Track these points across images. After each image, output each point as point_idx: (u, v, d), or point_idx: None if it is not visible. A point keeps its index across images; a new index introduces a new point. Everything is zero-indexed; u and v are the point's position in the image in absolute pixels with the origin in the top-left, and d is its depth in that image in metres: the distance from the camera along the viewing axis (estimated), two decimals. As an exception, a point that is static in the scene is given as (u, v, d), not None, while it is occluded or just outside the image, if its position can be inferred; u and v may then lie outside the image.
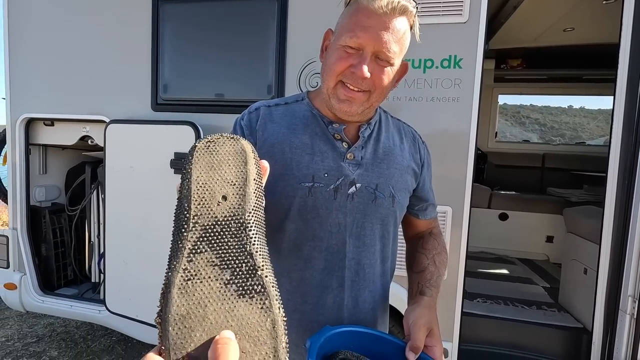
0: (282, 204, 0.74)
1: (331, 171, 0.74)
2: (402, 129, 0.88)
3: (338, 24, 0.73)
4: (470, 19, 1.59)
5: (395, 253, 0.87)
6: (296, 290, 0.75)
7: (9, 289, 2.28)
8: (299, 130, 0.76)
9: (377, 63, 0.69)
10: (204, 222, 0.35)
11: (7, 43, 2.17)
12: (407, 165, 0.82)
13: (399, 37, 0.68)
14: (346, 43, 0.68)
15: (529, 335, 1.92)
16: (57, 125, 2.25)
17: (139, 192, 1.91)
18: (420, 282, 0.80)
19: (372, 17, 0.66)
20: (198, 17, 1.93)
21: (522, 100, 23.80)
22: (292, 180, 0.73)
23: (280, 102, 0.82)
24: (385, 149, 0.79)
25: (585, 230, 2.06)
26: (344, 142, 0.76)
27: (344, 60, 0.69)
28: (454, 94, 1.64)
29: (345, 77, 0.70)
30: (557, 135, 28.63)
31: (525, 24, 2.86)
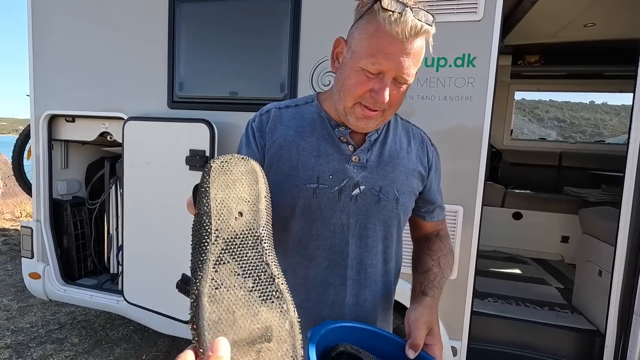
0: (287, 204, 0.76)
1: (336, 173, 0.76)
2: (410, 131, 0.88)
3: (354, 37, 0.71)
4: (485, 16, 1.57)
5: (399, 254, 0.88)
6: (300, 287, 0.78)
7: (33, 278, 2.39)
8: (307, 133, 0.78)
9: (395, 85, 0.70)
10: (224, 236, 0.38)
11: (31, 43, 2.26)
12: (413, 168, 0.83)
13: (418, 58, 0.69)
14: (367, 68, 0.68)
15: (540, 336, 1.91)
16: (78, 121, 2.33)
17: (156, 187, 1.96)
18: (423, 283, 0.81)
19: (394, 44, 0.65)
20: (213, 16, 1.96)
21: (541, 96, 23.24)
22: (297, 181, 0.76)
23: (290, 103, 0.84)
24: (391, 152, 0.80)
25: (601, 232, 2.02)
26: (349, 144, 0.78)
27: (364, 85, 0.69)
28: (468, 92, 1.62)
29: (364, 100, 0.70)
30: (577, 132, 27.85)
31: (544, 20, 2.79)
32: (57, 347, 2.45)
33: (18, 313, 2.87)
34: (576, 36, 2.97)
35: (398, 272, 0.89)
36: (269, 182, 0.78)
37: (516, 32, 2.99)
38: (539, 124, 29.12)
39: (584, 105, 30.85)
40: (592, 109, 27.43)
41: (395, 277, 0.88)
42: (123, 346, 2.50)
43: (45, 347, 2.44)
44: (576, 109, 33.39)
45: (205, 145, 1.81)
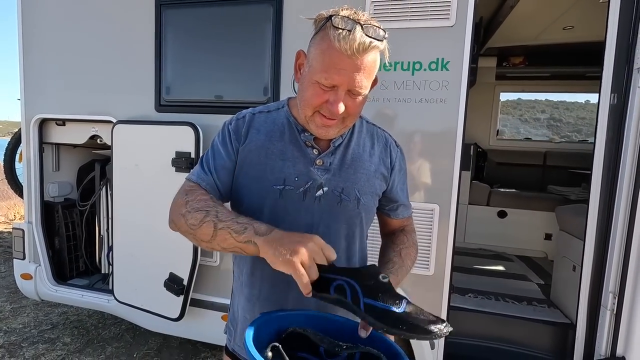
0: (257, 204, 0.82)
1: (301, 175, 0.81)
2: (375, 134, 0.93)
3: (311, 52, 0.75)
4: (457, 22, 1.64)
5: (363, 251, 0.94)
6: (267, 282, 0.85)
7: (25, 279, 2.43)
8: (276, 138, 0.84)
9: (350, 96, 0.74)
10: None
11: (21, 48, 2.31)
12: (375, 170, 0.88)
13: (370, 71, 0.72)
14: (321, 82, 0.72)
15: (517, 329, 1.97)
16: (69, 125, 2.37)
17: (144, 189, 2.02)
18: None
19: (345, 60, 0.69)
20: (198, 21, 2.02)
21: (536, 96, 23.48)
22: (265, 183, 0.81)
23: (264, 109, 0.90)
24: (353, 155, 0.86)
25: (575, 228, 2.10)
26: (314, 149, 0.83)
27: (320, 96, 0.74)
28: (442, 95, 1.69)
29: (322, 109, 0.75)
30: (572, 131, 27.97)
31: (525, 23, 2.87)
32: (49, 346, 2.50)
33: (11, 314, 2.91)
34: (556, 38, 3.06)
35: (363, 264, 0.95)
36: (241, 185, 0.84)
37: (500, 35, 3.07)
38: (535, 123, 29.16)
39: (579, 104, 31.00)
40: (587, 107, 27.60)
41: None
42: (115, 345, 2.55)
43: (37, 346, 2.49)
44: (571, 108, 33.56)
45: (191, 147, 1.87)
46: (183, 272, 1.95)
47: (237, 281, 0.94)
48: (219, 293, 2.04)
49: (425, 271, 1.75)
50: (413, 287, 1.78)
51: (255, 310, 0.86)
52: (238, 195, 0.85)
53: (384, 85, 1.73)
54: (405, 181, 1.00)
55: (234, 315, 0.96)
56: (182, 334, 2.19)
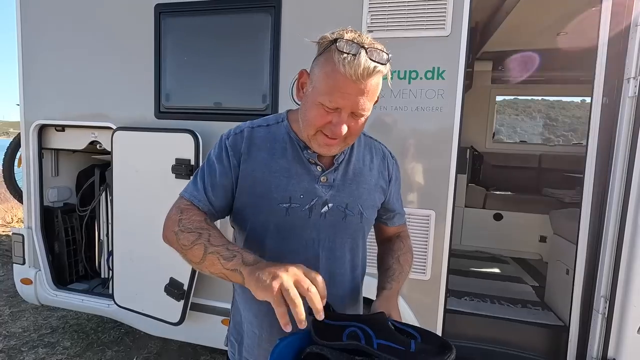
0: (262, 222, 0.83)
1: (306, 193, 0.83)
2: (373, 147, 0.95)
3: (314, 72, 0.76)
4: (453, 32, 1.67)
5: (364, 260, 0.97)
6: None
7: (25, 284, 2.44)
8: (278, 154, 0.84)
9: (353, 117, 0.75)
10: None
11: (21, 54, 2.32)
12: (375, 183, 0.91)
13: (374, 94, 0.74)
14: (325, 104, 0.73)
15: (511, 332, 2.01)
16: (68, 131, 2.39)
17: (144, 194, 2.04)
18: (384, 280, 0.92)
19: (349, 85, 0.70)
20: (197, 30, 2.04)
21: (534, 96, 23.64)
22: (271, 201, 0.81)
23: (262, 123, 0.89)
24: (355, 170, 0.88)
25: (568, 232, 2.14)
26: (318, 165, 0.84)
27: (323, 117, 0.75)
28: (438, 103, 1.72)
29: (325, 129, 0.76)
30: (568, 131, 28.12)
31: (519, 29, 2.91)
32: (49, 350, 2.51)
33: (10, 318, 2.92)
34: (551, 43, 3.10)
35: (363, 276, 0.99)
36: (246, 204, 0.85)
37: (495, 40, 3.11)
38: (531, 123, 29.31)
39: (575, 104, 31.18)
40: (583, 107, 27.72)
41: (361, 279, 0.98)
42: (114, 349, 2.57)
43: (37, 351, 2.50)
44: (567, 108, 33.74)
45: (190, 154, 1.89)
46: (183, 277, 1.97)
47: (242, 295, 0.93)
48: (219, 297, 2.06)
49: (422, 276, 1.79)
50: (410, 291, 1.81)
51: (264, 325, 0.87)
52: (243, 214, 0.85)
53: (380, 93, 1.76)
54: (400, 190, 1.03)
55: (236, 329, 0.95)
56: (182, 338, 2.21)
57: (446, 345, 0.69)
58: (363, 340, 0.70)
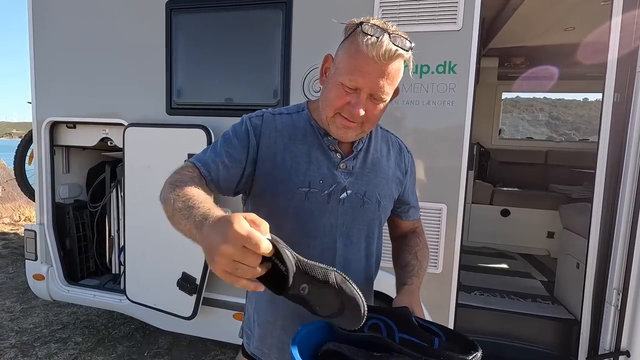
0: (281, 206, 0.84)
1: (325, 178, 0.84)
2: (389, 139, 0.97)
3: (338, 55, 0.78)
4: (464, 26, 1.68)
5: (379, 250, 0.98)
6: None
7: (37, 280, 2.47)
8: (299, 140, 0.85)
9: (371, 101, 0.76)
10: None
11: (32, 52, 2.34)
12: (393, 174, 0.92)
13: (394, 79, 0.75)
14: (345, 83, 0.74)
15: (522, 326, 2.02)
16: (79, 127, 2.41)
17: (155, 190, 2.03)
18: (404, 275, 0.92)
19: (370, 65, 0.71)
20: (208, 26, 2.05)
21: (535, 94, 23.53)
22: (290, 186, 0.82)
23: (283, 111, 0.91)
24: (373, 159, 0.89)
25: (578, 226, 2.14)
26: (337, 152, 0.86)
27: (342, 97, 0.76)
28: (449, 97, 1.73)
29: (343, 111, 0.77)
30: (571, 129, 28.03)
31: (526, 25, 2.91)
32: (61, 346, 2.53)
33: (21, 314, 2.95)
34: (558, 39, 3.10)
35: (378, 265, 0.99)
36: (265, 187, 0.85)
37: (502, 36, 3.11)
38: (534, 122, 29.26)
39: (577, 102, 31.04)
40: (586, 106, 27.61)
41: (375, 270, 0.98)
42: (125, 344, 2.58)
43: (49, 346, 2.52)
44: (570, 106, 33.59)
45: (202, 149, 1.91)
46: (196, 271, 1.99)
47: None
48: (231, 292, 2.08)
49: (434, 269, 1.79)
50: (422, 285, 1.82)
51: (279, 312, 0.88)
52: (262, 198, 0.86)
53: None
54: (415, 184, 1.04)
55: (250, 319, 0.97)
56: (194, 333, 2.23)
57: (472, 345, 0.66)
58: (385, 333, 0.69)
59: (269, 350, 0.91)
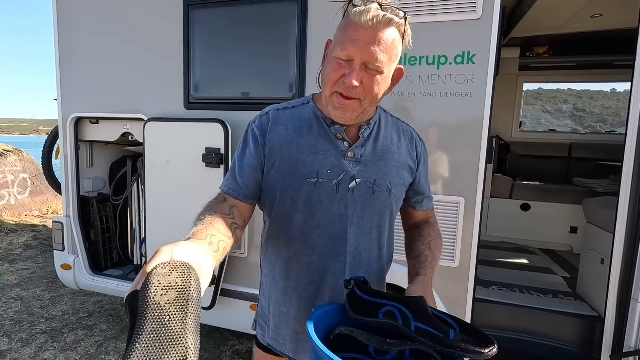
0: (290, 198, 0.84)
1: (334, 168, 0.83)
2: (400, 127, 0.95)
3: (335, 36, 0.79)
4: (484, 15, 1.63)
5: (391, 241, 0.96)
6: (304, 273, 0.87)
7: (65, 269, 2.58)
8: (305, 132, 0.85)
9: (367, 72, 0.75)
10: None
11: (58, 51, 2.42)
12: (404, 162, 0.90)
13: (387, 46, 0.73)
14: (338, 55, 0.75)
15: (542, 322, 1.97)
16: (102, 123, 2.49)
17: (175, 183, 2.10)
18: (417, 266, 0.90)
19: (360, 31, 0.72)
20: (225, 21, 2.07)
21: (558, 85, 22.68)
22: (299, 177, 0.83)
23: (288, 106, 0.91)
24: (383, 147, 0.88)
25: (604, 221, 2.07)
26: (345, 141, 0.85)
27: (337, 71, 0.75)
28: (468, 88, 1.69)
29: (339, 87, 0.76)
30: (597, 122, 26.97)
31: (551, 11, 2.80)
32: (87, 332, 2.64)
33: (50, 302, 3.09)
34: (584, 27, 2.97)
35: (390, 257, 0.98)
36: (273, 180, 0.86)
37: (523, 25, 3.01)
38: (557, 114, 28.30)
39: (604, 93, 29.76)
40: (614, 97, 26.48)
41: (388, 262, 0.97)
42: (147, 332, 2.67)
43: (77, 332, 2.64)
44: (596, 98, 32.24)
45: (220, 143, 1.94)
46: (214, 263, 2.03)
47: (269, 277, 0.95)
48: (247, 283, 2.12)
49: (451, 263, 1.77)
50: (438, 279, 1.80)
51: (292, 302, 0.89)
52: (272, 189, 0.86)
53: (409, 80, 1.75)
54: (428, 174, 1.01)
55: (264, 311, 0.98)
56: (212, 323, 2.28)
57: (487, 339, 0.65)
58: (400, 321, 0.68)
59: (284, 341, 0.93)
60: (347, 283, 0.76)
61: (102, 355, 2.39)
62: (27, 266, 3.84)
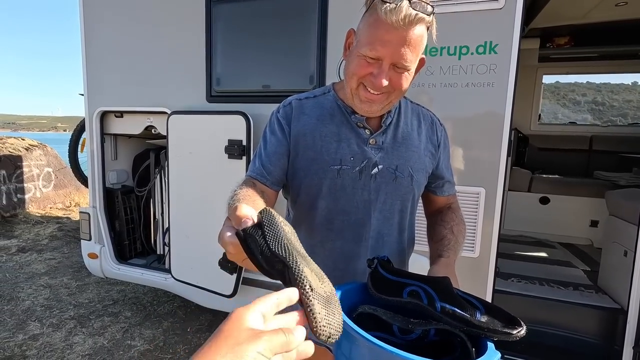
0: (314, 185, 0.87)
1: (356, 155, 0.85)
2: (420, 113, 0.96)
3: (359, 28, 0.78)
4: (507, 4, 1.62)
5: (412, 225, 0.98)
6: (328, 258, 0.89)
7: (91, 258, 2.68)
8: (327, 121, 0.87)
9: (395, 70, 0.75)
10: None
11: (84, 47, 2.50)
12: (425, 148, 0.92)
13: (416, 45, 0.73)
14: (366, 54, 0.74)
15: (563, 314, 1.97)
16: (126, 117, 2.56)
17: (198, 175, 2.16)
18: (439, 249, 0.90)
19: (390, 32, 0.71)
20: (246, 15, 2.10)
21: (576, 78, 22.01)
22: (322, 164, 0.85)
23: (309, 95, 0.93)
24: (404, 133, 0.89)
25: (627, 213, 2.04)
26: (366, 129, 0.87)
27: (365, 67, 0.76)
28: (489, 79, 1.69)
29: (366, 82, 0.77)
30: (617, 115, 26.18)
31: (573, 1, 2.75)
32: (113, 319, 2.75)
33: (77, 290, 3.22)
34: (608, 16, 2.90)
35: (411, 241, 0.99)
36: (298, 168, 0.89)
37: (544, 15, 2.95)
38: (575, 108, 27.56)
39: (625, 86, 28.79)
40: (636, 89, 25.62)
41: (409, 245, 0.98)
42: (170, 320, 2.77)
43: (103, 319, 2.75)
44: (616, 91, 31.22)
45: (242, 135, 1.98)
46: (236, 252, 2.09)
47: None
48: (268, 273, 2.17)
49: (471, 253, 1.78)
50: (458, 269, 1.81)
51: None
52: (296, 177, 0.89)
53: (429, 71, 1.75)
54: (449, 158, 1.02)
55: None
56: (234, 310, 2.35)
57: (515, 321, 0.63)
58: (425, 300, 0.67)
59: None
60: (370, 262, 0.76)
61: (127, 340, 2.48)
62: (53, 256, 3.99)
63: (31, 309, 2.87)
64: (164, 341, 2.49)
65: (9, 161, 5.08)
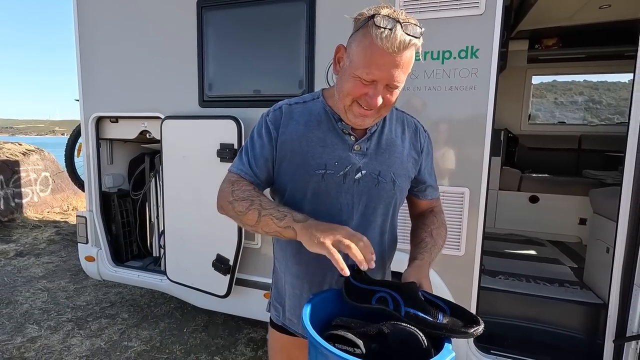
0: (300, 188, 0.91)
1: (341, 160, 0.89)
2: (405, 120, 1.01)
3: (352, 47, 0.80)
4: (487, 10, 1.68)
5: (394, 227, 1.02)
6: (314, 259, 0.91)
7: (88, 261, 2.72)
8: (314, 126, 0.91)
9: (387, 90, 0.80)
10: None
11: (78, 53, 2.55)
12: (408, 154, 0.96)
13: (408, 66, 0.78)
14: (362, 77, 0.78)
15: (548, 310, 2.02)
16: (121, 122, 2.61)
17: (191, 178, 2.21)
18: (416, 251, 0.96)
19: (385, 57, 0.74)
20: (237, 21, 2.16)
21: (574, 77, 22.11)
22: (308, 169, 0.89)
23: (299, 100, 0.97)
24: (388, 140, 0.94)
25: (609, 211, 2.09)
26: (351, 135, 0.91)
27: (360, 89, 0.80)
28: (471, 82, 1.74)
29: (360, 100, 0.81)
30: (614, 114, 26.26)
31: (559, 3, 2.80)
32: (110, 321, 2.79)
33: (75, 293, 3.26)
34: (593, 18, 2.96)
35: (393, 242, 1.04)
36: (284, 172, 0.94)
37: (532, 17, 3.01)
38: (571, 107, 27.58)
39: (622, 84, 28.93)
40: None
41: (390, 246, 1.02)
42: (166, 321, 2.81)
43: (100, 321, 2.79)
44: (613, 89, 31.35)
45: (234, 139, 2.03)
46: (229, 253, 2.14)
47: (282, 262, 1.01)
48: (260, 273, 2.22)
49: (456, 252, 1.84)
50: (444, 267, 1.87)
51: (304, 285, 0.97)
52: (282, 181, 0.92)
53: (414, 75, 1.81)
54: (433, 164, 1.07)
55: (280, 293, 1.05)
56: (228, 310, 2.39)
57: (474, 320, 0.70)
58: (391, 306, 0.74)
59: (297, 321, 1.00)
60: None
61: (124, 341, 2.53)
62: (51, 260, 4.04)
63: (29, 312, 2.91)
64: (161, 342, 2.54)
65: (6, 166, 5.12)
